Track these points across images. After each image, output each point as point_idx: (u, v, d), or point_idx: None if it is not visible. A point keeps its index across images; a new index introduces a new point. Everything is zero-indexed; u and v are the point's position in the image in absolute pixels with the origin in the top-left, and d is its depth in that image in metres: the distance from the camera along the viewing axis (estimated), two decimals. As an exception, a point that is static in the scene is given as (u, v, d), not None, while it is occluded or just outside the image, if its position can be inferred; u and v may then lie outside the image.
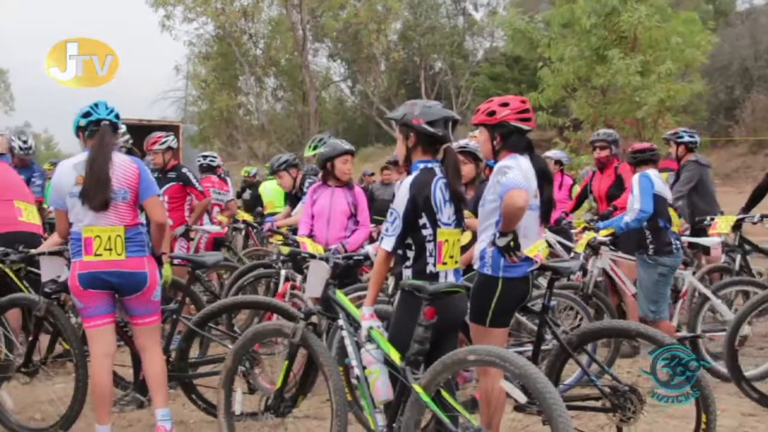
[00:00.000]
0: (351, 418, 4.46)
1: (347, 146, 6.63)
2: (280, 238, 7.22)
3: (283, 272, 6.95)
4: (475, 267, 4.36)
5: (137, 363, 5.38)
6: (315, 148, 7.87)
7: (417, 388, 3.69)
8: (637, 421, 4.19)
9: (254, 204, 13.28)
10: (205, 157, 10.40)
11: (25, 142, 8.33)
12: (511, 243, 4.09)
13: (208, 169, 10.14)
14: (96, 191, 4.62)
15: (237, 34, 34.23)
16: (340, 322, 4.33)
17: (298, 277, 6.66)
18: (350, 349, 4.18)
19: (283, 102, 38.35)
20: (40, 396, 5.63)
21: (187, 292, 5.78)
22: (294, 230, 7.06)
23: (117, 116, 4.90)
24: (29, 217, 6.45)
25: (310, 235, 6.47)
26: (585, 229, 7.32)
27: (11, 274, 5.76)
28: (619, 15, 15.91)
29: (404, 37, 37.36)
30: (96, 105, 4.85)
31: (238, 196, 14.40)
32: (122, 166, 4.77)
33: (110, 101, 4.90)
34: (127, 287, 4.75)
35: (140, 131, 9.93)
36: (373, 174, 15.80)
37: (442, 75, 38.84)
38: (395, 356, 3.89)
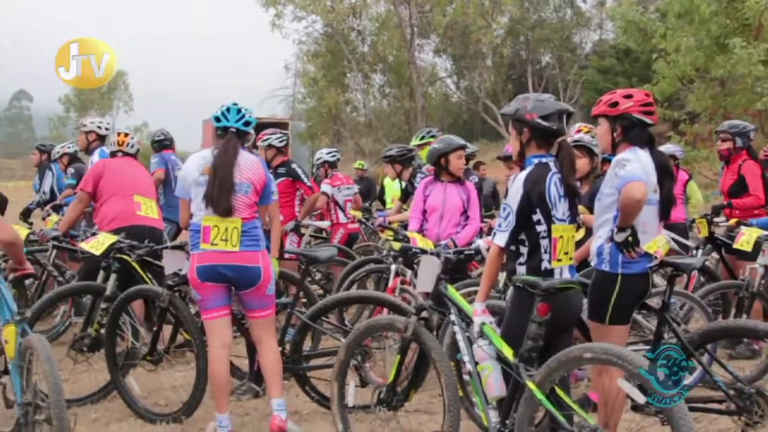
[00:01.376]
0: (462, 414, 4.45)
1: (461, 141, 6.62)
2: (391, 233, 7.27)
3: (393, 267, 6.99)
4: (593, 263, 4.28)
5: (252, 354, 5.54)
6: (422, 138, 7.92)
7: (531, 385, 3.64)
8: (765, 427, 4.01)
9: (364, 199, 13.40)
10: (329, 153, 10.54)
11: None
12: (630, 238, 3.99)
13: (332, 165, 10.28)
14: (220, 197, 4.78)
15: (345, 32, 34.66)
16: (452, 317, 4.32)
17: (408, 273, 6.69)
18: (462, 344, 4.17)
19: (389, 98, 38.55)
20: (164, 383, 5.86)
21: (301, 286, 5.91)
22: (405, 226, 7.09)
23: (246, 123, 5.03)
24: (148, 212, 6.73)
25: (421, 231, 6.49)
26: (739, 224, 6.99)
27: (136, 267, 6.01)
28: (743, 1, 15.20)
29: (511, 32, 36.93)
30: (228, 110, 5.01)
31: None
32: (247, 163, 4.94)
33: (225, 97, 5.07)
34: (242, 281, 4.88)
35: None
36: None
37: (549, 69, 38.20)
38: (508, 352, 3.85)
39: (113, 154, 7.11)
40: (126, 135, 7.15)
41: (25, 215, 10.00)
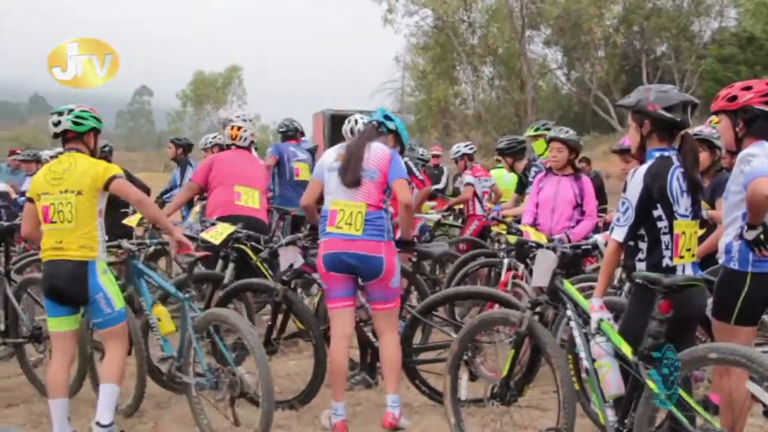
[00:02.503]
0: (578, 410, 4.37)
1: (561, 135, 6.59)
2: (504, 227, 7.22)
3: (505, 261, 6.92)
4: (721, 261, 4.12)
5: (365, 345, 5.61)
6: (536, 130, 7.85)
7: (651, 384, 3.55)
8: None
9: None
10: (466, 145, 10.60)
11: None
12: (761, 236, 3.82)
13: (470, 157, 10.29)
14: (348, 168, 4.99)
15: (455, 24, 34.56)
16: (568, 312, 4.25)
17: (521, 267, 6.63)
18: (579, 340, 4.10)
19: (498, 91, 38.21)
20: (278, 371, 6.00)
21: (414, 280, 5.93)
22: (518, 220, 7.03)
23: (387, 116, 5.39)
24: (248, 201, 6.88)
25: (534, 225, 6.42)
26: None
27: (253, 257, 6.19)
28: None
29: (625, 21, 35.90)
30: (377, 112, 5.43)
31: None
32: (376, 151, 5.08)
33: (334, 92, 5.32)
34: (366, 271, 4.95)
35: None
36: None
37: (665, 59, 36.92)
38: (627, 350, 3.76)
39: (227, 147, 7.30)
40: (239, 128, 7.26)
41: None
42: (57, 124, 4.85)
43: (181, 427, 5.05)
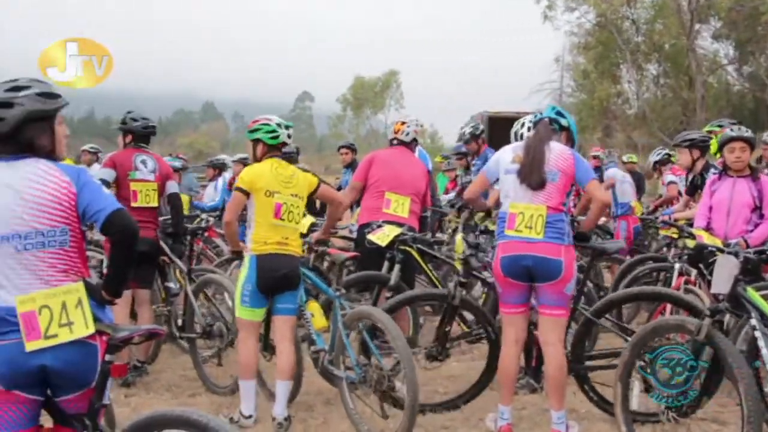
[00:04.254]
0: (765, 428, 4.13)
1: (733, 134, 6.18)
2: (675, 230, 6.92)
3: (677, 266, 6.64)
4: None
5: (529, 350, 5.54)
6: (712, 127, 7.51)
7: None
8: None
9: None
10: (657, 153, 10.40)
11: None
12: None
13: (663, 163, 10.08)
14: (531, 170, 4.84)
15: (618, 22, 33.51)
16: (752, 321, 4.03)
17: (693, 272, 6.33)
18: (765, 351, 3.87)
19: (663, 89, 36.66)
20: (442, 373, 6.03)
21: (586, 280, 5.77)
22: (690, 223, 6.73)
23: (559, 113, 5.26)
24: (397, 210, 6.76)
25: (707, 228, 6.11)
26: None
27: (418, 258, 6.24)
28: None
29: (809, 9, 33.47)
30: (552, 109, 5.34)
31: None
32: (557, 152, 4.92)
33: (490, 92, 5.23)
34: (542, 272, 4.79)
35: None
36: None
37: None
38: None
39: (390, 142, 7.27)
40: (403, 123, 7.21)
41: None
42: (279, 136, 5.44)
43: (350, 424, 5.17)
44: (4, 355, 2.93)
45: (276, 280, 5.24)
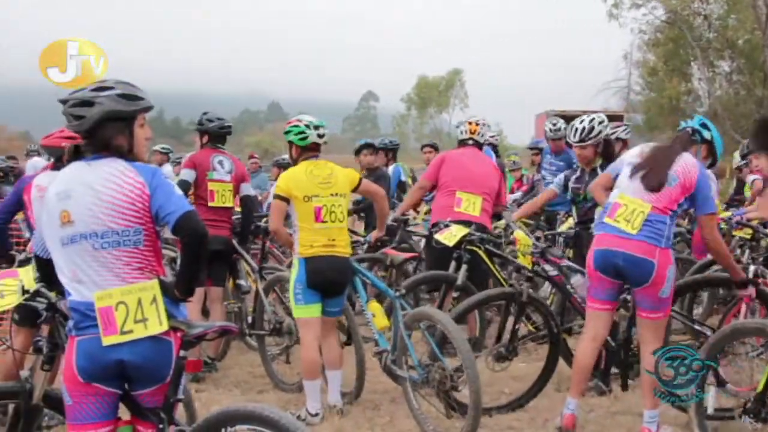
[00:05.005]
0: None
1: None
2: (749, 231, 6.74)
3: (751, 268, 6.43)
4: None
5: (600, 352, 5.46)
6: None
7: None
8: None
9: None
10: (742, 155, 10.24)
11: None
12: None
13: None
14: (654, 171, 4.70)
15: (689, 18, 32.70)
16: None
17: (768, 274, 6.14)
18: None
19: (736, 86, 35.60)
20: (510, 372, 5.98)
21: None
22: (764, 223, 6.54)
23: (704, 124, 5.04)
24: (468, 209, 6.72)
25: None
26: None
27: (486, 259, 6.20)
28: None
29: None
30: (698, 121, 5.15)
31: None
32: (686, 162, 4.74)
33: (556, 91, 5.11)
34: (633, 275, 4.67)
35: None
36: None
37: None
38: None
39: (463, 143, 7.14)
40: (477, 124, 7.14)
41: None
42: (308, 137, 5.48)
43: (415, 423, 5.18)
44: (84, 349, 3.05)
45: (325, 280, 5.35)
